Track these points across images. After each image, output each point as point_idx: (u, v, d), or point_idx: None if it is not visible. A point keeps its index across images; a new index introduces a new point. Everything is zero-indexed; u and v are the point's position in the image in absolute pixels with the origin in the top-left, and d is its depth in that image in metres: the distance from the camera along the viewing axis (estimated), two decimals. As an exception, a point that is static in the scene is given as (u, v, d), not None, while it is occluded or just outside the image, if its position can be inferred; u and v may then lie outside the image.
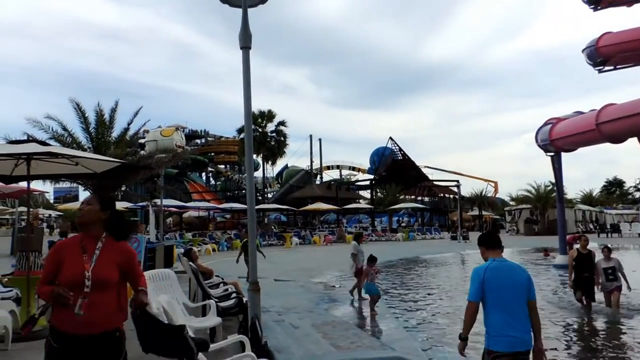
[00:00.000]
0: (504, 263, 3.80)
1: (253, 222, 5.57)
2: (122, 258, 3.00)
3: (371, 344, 6.87)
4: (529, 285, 3.72)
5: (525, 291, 3.69)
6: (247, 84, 5.18)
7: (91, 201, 3.04)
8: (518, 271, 3.78)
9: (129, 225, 3.19)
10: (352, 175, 78.01)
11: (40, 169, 7.21)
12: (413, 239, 36.81)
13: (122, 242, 3.03)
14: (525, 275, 3.76)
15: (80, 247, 2.92)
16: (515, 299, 3.64)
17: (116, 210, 3.11)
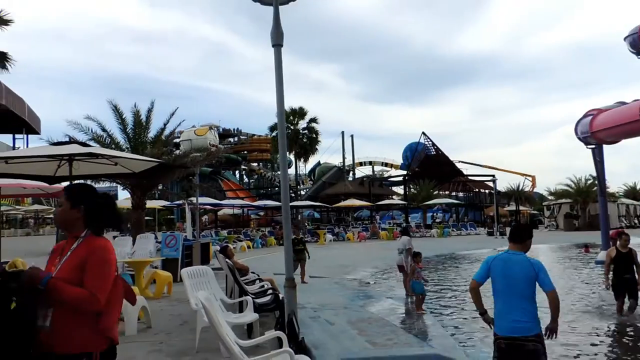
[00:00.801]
0: (512, 256, 4.02)
1: (288, 218, 5.59)
2: (86, 255, 2.42)
3: (408, 341, 6.79)
4: (531, 280, 3.89)
5: (522, 284, 3.89)
6: (279, 82, 5.19)
7: (60, 200, 2.61)
8: (520, 265, 3.94)
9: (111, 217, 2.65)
10: (384, 171, 77.55)
11: (81, 170, 7.44)
12: (448, 235, 36.28)
13: (98, 238, 2.52)
14: (526, 271, 3.91)
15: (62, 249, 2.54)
16: (511, 290, 3.92)
17: (97, 201, 2.59)
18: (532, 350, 3.81)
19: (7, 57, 26.51)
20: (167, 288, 10.28)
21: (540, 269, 3.91)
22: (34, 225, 48.92)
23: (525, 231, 4.14)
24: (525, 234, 4.11)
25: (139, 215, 16.28)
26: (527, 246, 4.08)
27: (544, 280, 3.88)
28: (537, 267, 3.92)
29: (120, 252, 13.56)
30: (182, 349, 5.80)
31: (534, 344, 3.81)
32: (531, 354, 3.82)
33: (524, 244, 4.07)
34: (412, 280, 10.09)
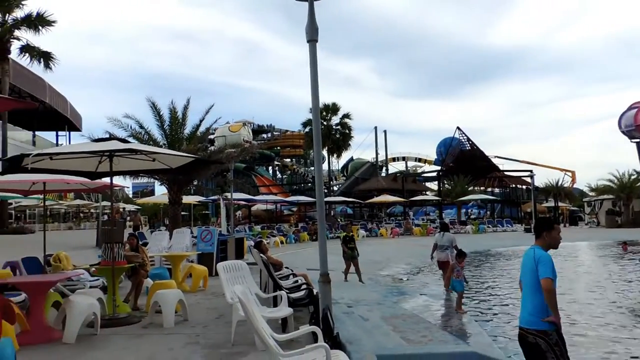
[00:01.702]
0: (528, 250, 4.08)
1: (322, 214, 5.60)
2: None
3: (443, 338, 6.71)
4: (533, 272, 3.89)
5: (527, 277, 3.96)
6: (314, 78, 5.19)
7: None
8: (527, 258, 4.03)
9: None
10: (418, 166, 76.71)
11: (121, 165, 7.64)
12: (483, 231, 35.62)
13: None
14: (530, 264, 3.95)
15: None
16: (524, 283, 4.04)
17: None
18: (533, 343, 3.83)
19: (51, 56, 27.56)
20: (202, 282, 10.46)
21: (540, 260, 3.89)
22: (76, 220, 50.66)
23: (541, 224, 4.12)
24: (540, 227, 4.09)
25: (176, 210, 16.64)
26: (545, 239, 4.03)
27: (540, 269, 3.85)
28: (537, 258, 3.91)
29: (158, 246, 13.90)
30: (218, 342, 5.90)
31: (534, 337, 3.81)
32: (532, 347, 3.84)
33: (542, 238, 4.04)
34: (452, 278, 9.89)
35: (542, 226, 4.10)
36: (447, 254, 11.63)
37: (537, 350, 3.82)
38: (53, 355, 5.55)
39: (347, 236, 12.98)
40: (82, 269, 9.90)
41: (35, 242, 14.48)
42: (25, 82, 36.30)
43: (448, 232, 12.20)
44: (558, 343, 3.82)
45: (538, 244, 4.06)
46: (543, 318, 3.83)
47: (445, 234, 12.09)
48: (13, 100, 3.61)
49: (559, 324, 3.85)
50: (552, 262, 3.88)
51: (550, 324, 3.82)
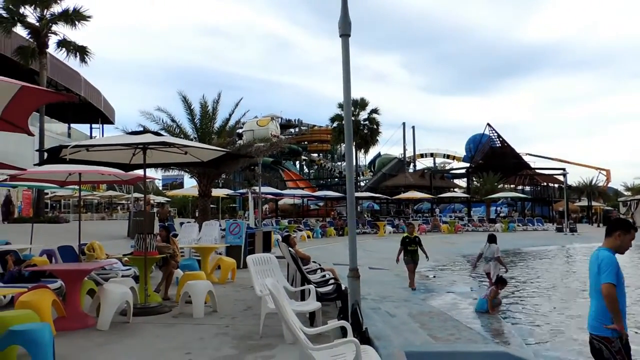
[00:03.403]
0: (595, 252, 3.88)
1: (353, 209, 5.59)
2: None
3: (472, 337, 6.63)
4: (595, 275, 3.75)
5: (591, 280, 3.79)
6: (346, 72, 5.18)
7: None
8: (592, 260, 3.85)
9: None
10: (446, 163, 75.83)
11: (154, 158, 7.79)
12: (513, 230, 34.93)
13: None
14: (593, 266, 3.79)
15: None
16: (590, 285, 3.85)
17: None
18: (597, 349, 3.74)
19: (87, 51, 28.18)
20: (231, 274, 10.60)
21: (602, 263, 3.70)
22: (108, 211, 51.88)
23: (617, 224, 3.89)
24: (615, 226, 3.87)
25: (205, 203, 16.87)
26: (616, 241, 3.82)
27: (602, 273, 3.68)
28: (600, 260, 3.73)
29: (188, 237, 14.15)
30: (247, 334, 5.98)
31: (598, 343, 3.73)
32: (596, 352, 3.76)
33: (614, 238, 3.83)
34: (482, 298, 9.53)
35: (618, 226, 3.88)
36: (489, 265, 11.11)
37: (600, 356, 3.74)
38: (88, 341, 5.72)
39: (407, 237, 11.77)
40: (114, 258, 10.17)
41: (70, 231, 14.90)
42: (62, 76, 37.37)
43: (495, 243, 11.40)
44: (621, 351, 3.69)
45: (606, 245, 3.86)
46: (605, 325, 3.70)
47: (491, 245, 11.35)
48: (54, 93, 3.71)
49: (623, 331, 3.69)
50: (617, 265, 3.70)
51: (613, 331, 3.69)
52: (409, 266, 11.52)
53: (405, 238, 11.68)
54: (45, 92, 3.63)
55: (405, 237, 11.71)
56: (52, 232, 18.98)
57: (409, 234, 11.88)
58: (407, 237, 11.68)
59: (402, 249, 11.50)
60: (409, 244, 11.50)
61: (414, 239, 11.69)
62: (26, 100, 3.86)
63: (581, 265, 18.05)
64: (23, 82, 3.63)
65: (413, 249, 11.49)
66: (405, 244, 11.51)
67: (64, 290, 6.89)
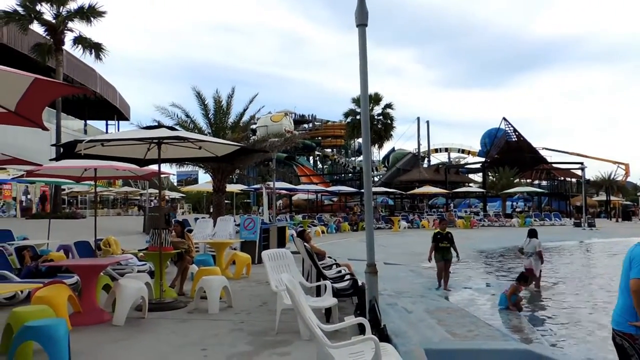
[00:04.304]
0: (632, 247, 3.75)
1: (370, 204, 5.48)
2: None
3: (491, 333, 6.51)
4: (626, 270, 3.65)
5: (623, 272, 3.68)
6: (363, 63, 5.06)
7: None
8: (628, 252, 3.73)
9: None
10: (461, 158, 75.13)
11: (168, 153, 7.75)
12: (530, 224, 34.47)
13: None
14: (625, 260, 3.69)
15: None
16: (621, 280, 3.74)
17: None
18: (619, 345, 3.69)
19: (102, 47, 28.38)
20: (246, 269, 10.56)
21: (635, 257, 3.60)
22: (124, 206, 52.39)
23: None
24: None
25: (219, 198, 16.88)
26: None
27: (633, 268, 3.59)
28: (633, 255, 3.64)
29: (203, 233, 14.16)
30: (263, 330, 5.92)
31: (621, 339, 3.67)
32: (619, 348, 3.70)
33: None
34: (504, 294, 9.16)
35: None
36: (530, 261, 10.75)
37: (623, 352, 3.67)
38: (104, 336, 5.71)
39: (439, 233, 10.85)
40: (130, 253, 10.21)
41: (86, 226, 15.03)
42: (78, 72, 37.73)
43: (536, 238, 10.94)
44: None
45: None
46: (630, 322, 3.59)
47: (532, 240, 10.90)
48: (68, 86, 3.66)
49: None
50: None
51: (638, 329, 3.57)
52: (440, 264, 10.75)
53: (436, 234, 10.81)
54: (58, 84, 3.58)
55: (437, 233, 10.85)
56: (68, 228, 19.17)
57: (441, 229, 10.95)
58: (439, 233, 10.80)
59: (434, 245, 10.71)
60: (441, 241, 10.65)
61: (446, 235, 10.74)
62: (40, 93, 3.82)
63: (602, 261, 17.73)
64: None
65: (445, 246, 10.62)
66: (437, 241, 10.68)
67: (80, 285, 6.90)
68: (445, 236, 10.68)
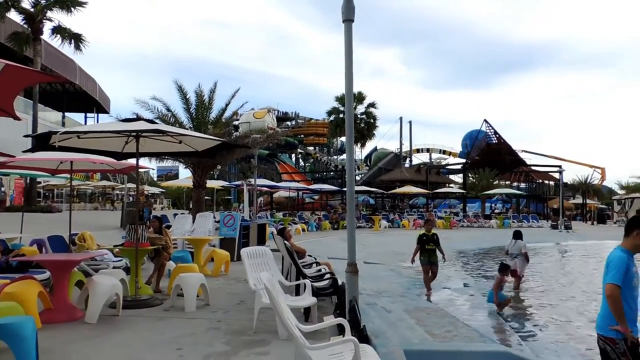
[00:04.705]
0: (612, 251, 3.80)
1: (352, 203, 5.40)
2: None
3: (469, 334, 6.49)
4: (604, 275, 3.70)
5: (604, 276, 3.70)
6: (349, 59, 4.97)
7: None
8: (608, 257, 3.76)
9: None
10: (442, 159, 75.72)
11: (147, 147, 7.57)
12: (508, 226, 34.87)
13: None
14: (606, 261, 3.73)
15: None
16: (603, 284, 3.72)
17: None
18: (602, 348, 3.72)
19: (82, 38, 27.80)
20: (224, 267, 10.42)
21: (610, 262, 3.67)
22: (101, 201, 51.53)
23: (631, 222, 3.81)
24: (630, 225, 3.78)
25: (199, 194, 16.66)
26: (633, 240, 3.71)
27: (608, 273, 3.65)
28: (610, 259, 3.70)
29: (181, 229, 13.95)
30: (240, 329, 5.81)
31: (603, 343, 3.70)
32: (602, 352, 3.73)
33: (631, 238, 3.73)
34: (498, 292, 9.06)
35: (635, 225, 3.75)
36: (515, 262, 10.73)
37: (606, 356, 3.70)
38: (75, 334, 5.53)
39: (424, 235, 10.31)
40: (105, 249, 9.98)
41: (62, 221, 14.67)
42: (57, 63, 36.87)
43: (521, 239, 10.92)
44: (626, 353, 3.60)
45: (624, 245, 3.75)
46: (610, 325, 3.61)
47: (517, 241, 10.89)
48: (41, 73, 3.51)
49: (628, 333, 3.58)
50: (627, 266, 3.60)
51: (618, 332, 3.59)
52: (425, 267, 10.32)
53: (422, 235, 10.32)
54: (30, 71, 3.41)
55: (423, 235, 10.33)
56: (43, 222, 18.74)
57: (427, 231, 10.40)
58: (425, 235, 10.29)
59: (418, 247, 10.27)
60: (427, 243, 10.21)
61: (432, 236, 10.26)
62: (11, 81, 3.64)
63: (578, 262, 18.00)
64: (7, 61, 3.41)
65: (431, 248, 10.17)
66: (422, 242, 10.24)
67: (52, 281, 6.69)
68: (431, 238, 10.28)
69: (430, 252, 10.16)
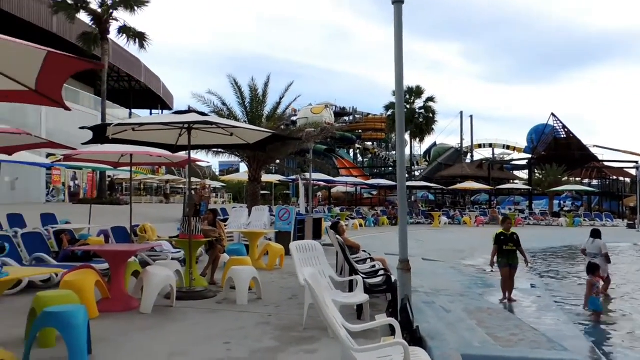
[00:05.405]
0: None
1: (404, 196, 5.10)
2: None
3: (536, 338, 6.00)
4: None
5: None
6: (399, 42, 4.66)
7: None
8: None
9: None
10: (505, 154, 72.83)
11: (200, 139, 7.59)
12: (579, 224, 32.93)
13: None
14: None
15: None
16: None
17: None
18: None
19: (145, 37, 28.83)
20: (279, 260, 10.36)
21: None
22: (166, 194, 53.48)
23: None
24: None
25: (255, 188, 16.76)
26: None
27: None
28: None
29: (237, 222, 14.08)
30: (290, 324, 5.66)
31: None
32: None
33: None
34: (590, 296, 8.28)
35: None
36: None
37: None
38: (129, 324, 5.59)
39: (502, 234, 9.08)
40: (164, 240, 10.20)
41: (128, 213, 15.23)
42: (123, 62, 38.63)
43: (599, 238, 9.90)
44: None
45: None
46: None
47: (596, 240, 9.87)
48: (81, 60, 3.47)
49: None
50: None
51: None
52: (504, 270, 9.13)
53: (499, 235, 9.13)
54: (72, 58, 3.37)
55: (500, 234, 9.14)
56: (111, 214, 19.57)
57: (505, 230, 9.16)
58: (503, 234, 9.10)
59: (496, 248, 9.12)
60: (506, 243, 9.03)
61: (511, 236, 9.06)
62: (55, 69, 3.63)
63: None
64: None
65: (510, 248, 8.99)
66: (500, 243, 9.08)
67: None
68: (510, 237, 9.08)
69: (510, 254, 9.04)
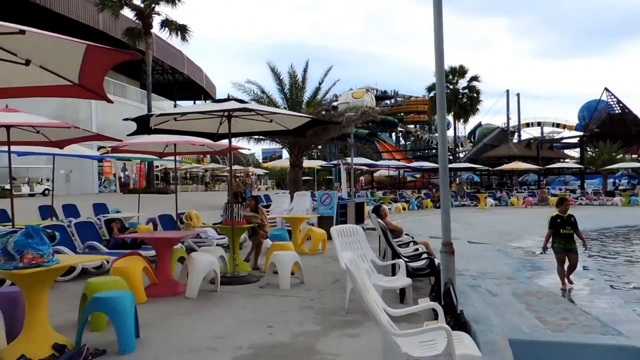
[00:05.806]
0: None
1: (446, 178, 4.95)
2: None
3: (589, 322, 5.76)
4: None
5: None
6: (438, 18, 4.47)
7: None
8: None
9: None
10: (555, 132, 70.10)
11: (239, 127, 7.64)
12: (635, 204, 31.39)
13: None
14: None
15: None
16: None
17: None
18: None
19: (187, 29, 29.30)
20: (321, 245, 10.39)
21: None
22: (211, 182, 54.74)
23: None
24: None
25: (296, 174, 16.83)
26: None
27: None
28: None
29: (280, 208, 14.20)
30: (332, 308, 5.66)
31: None
32: None
33: None
34: None
35: None
36: None
37: None
38: (175, 308, 5.74)
39: (559, 217, 8.36)
40: (208, 227, 10.42)
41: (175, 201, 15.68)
42: (167, 55, 39.50)
43: None
44: None
45: None
46: None
47: None
48: (120, 52, 3.51)
49: None
50: None
51: None
52: (560, 256, 8.47)
53: (555, 217, 8.40)
54: (111, 50, 3.42)
55: (557, 217, 8.40)
56: (160, 202, 20.18)
57: (561, 212, 8.41)
58: (559, 217, 8.37)
59: (551, 232, 8.46)
60: (563, 226, 8.31)
61: (568, 218, 8.34)
62: (96, 62, 3.70)
63: None
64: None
65: (567, 232, 8.29)
66: (556, 226, 8.38)
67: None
68: (567, 220, 8.36)
69: (566, 238, 8.34)
